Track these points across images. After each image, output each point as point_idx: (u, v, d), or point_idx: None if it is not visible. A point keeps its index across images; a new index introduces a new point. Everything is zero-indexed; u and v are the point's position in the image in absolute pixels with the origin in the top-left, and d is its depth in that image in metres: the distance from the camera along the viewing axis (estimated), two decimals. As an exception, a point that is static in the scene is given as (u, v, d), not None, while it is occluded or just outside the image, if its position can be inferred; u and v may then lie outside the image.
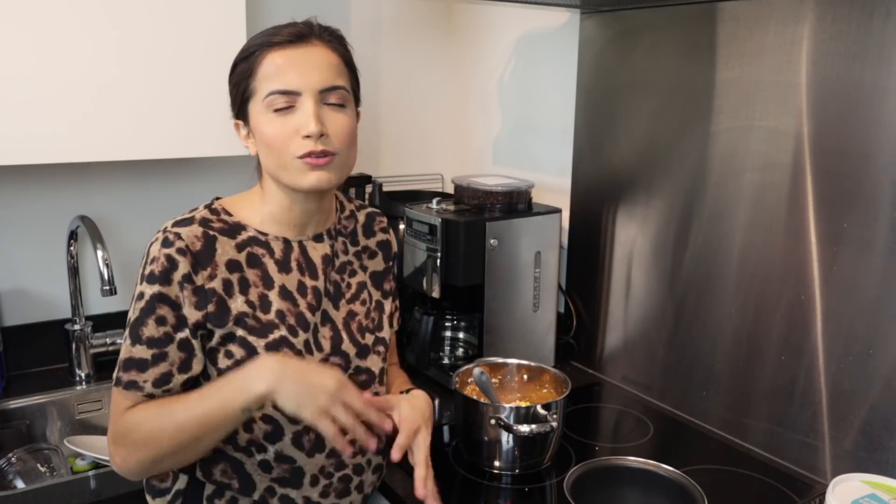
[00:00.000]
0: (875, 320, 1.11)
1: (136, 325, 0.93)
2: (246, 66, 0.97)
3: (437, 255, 1.45)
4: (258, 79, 0.95)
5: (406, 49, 1.97)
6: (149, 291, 0.93)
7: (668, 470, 1.18)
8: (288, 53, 0.95)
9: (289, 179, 0.96)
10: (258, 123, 0.96)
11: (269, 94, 0.94)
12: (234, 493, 0.99)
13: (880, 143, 1.08)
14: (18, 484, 1.32)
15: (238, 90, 0.98)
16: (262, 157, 0.99)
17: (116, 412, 0.95)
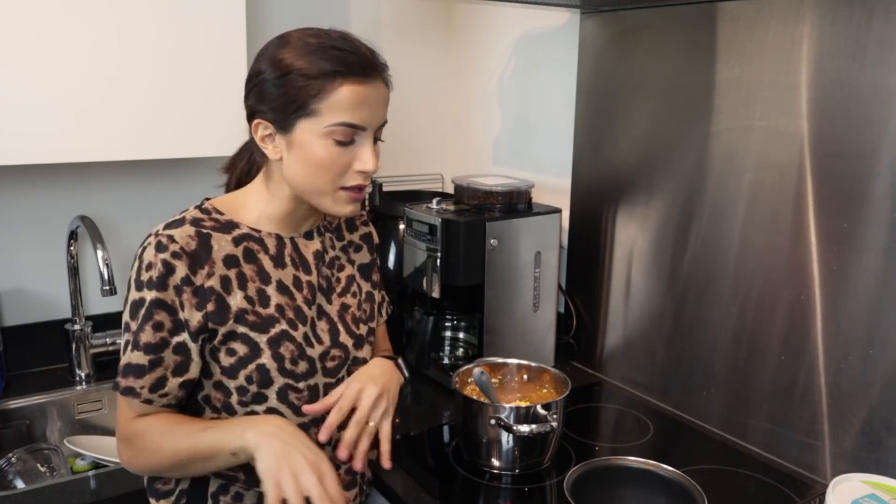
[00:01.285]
0: (875, 320, 1.11)
1: (137, 332, 0.93)
2: (315, 84, 0.90)
3: (437, 255, 1.45)
4: (327, 104, 0.91)
5: (406, 49, 1.97)
6: (147, 297, 0.92)
7: (668, 470, 1.18)
8: (362, 89, 0.92)
9: (322, 203, 0.97)
10: (310, 144, 0.93)
11: (337, 125, 0.92)
12: (239, 488, 0.99)
13: (880, 143, 1.08)
14: (18, 484, 1.32)
15: (292, 100, 0.92)
16: (295, 171, 0.95)
17: (122, 415, 0.97)
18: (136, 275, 0.94)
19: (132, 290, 0.94)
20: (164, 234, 0.94)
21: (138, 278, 0.93)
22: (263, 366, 0.97)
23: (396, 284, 1.65)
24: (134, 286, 0.94)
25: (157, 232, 0.95)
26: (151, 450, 0.94)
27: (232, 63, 1.47)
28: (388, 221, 1.70)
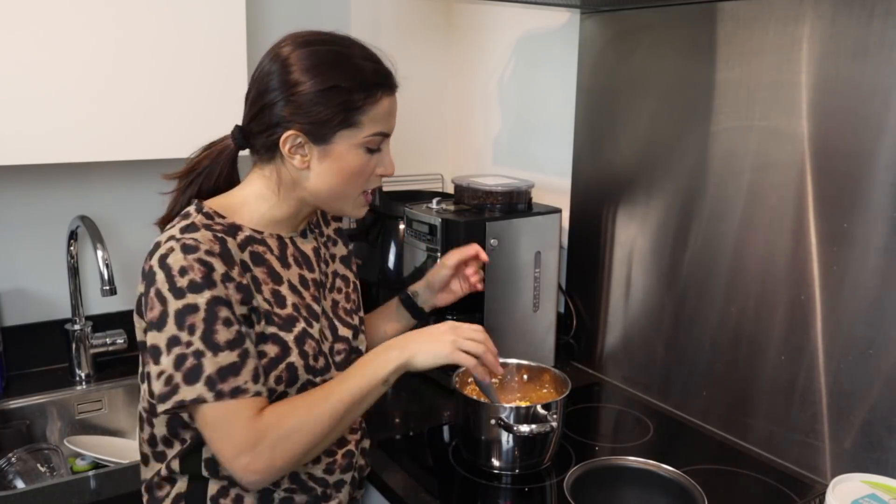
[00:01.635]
0: (875, 320, 1.11)
1: (209, 336, 0.88)
2: (359, 98, 0.94)
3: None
4: (369, 116, 0.96)
5: (406, 49, 1.97)
6: (201, 300, 0.88)
7: (668, 470, 1.18)
8: (394, 100, 1.00)
9: (340, 207, 1.02)
10: (346, 154, 0.96)
11: (375, 134, 0.97)
12: (239, 490, 0.99)
13: (880, 142, 1.08)
14: (18, 484, 1.32)
15: (336, 113, 0.94)
16: (323, 178, 0.97)
17: (240, 422, 0.88)
18: (168, 284, 0.88)
19: (171, 301, 0.88)
20: (186, 238, 0.91)
21: (175, 287, 0.88)
22: (292, 364, 0.96)
23: (396, 284, 1.65)
24: (172, 296, 0.88)
25: (174, 237, 0.92)
26: (297, 429, 0.90)
27: (232, 63, 1.47)
28: (388, 221, 1.71)
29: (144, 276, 0.92)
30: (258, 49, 1.81)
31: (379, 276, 1.72)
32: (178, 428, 0.97)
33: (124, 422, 1.59)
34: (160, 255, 0.90)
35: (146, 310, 0.91)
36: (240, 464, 0.88)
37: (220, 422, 0.88)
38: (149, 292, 0.90)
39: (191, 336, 0.87)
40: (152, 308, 0.89)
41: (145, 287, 0.91)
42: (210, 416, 0.88)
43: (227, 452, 0.88)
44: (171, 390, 0.87)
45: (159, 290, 0.89)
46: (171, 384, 0.87)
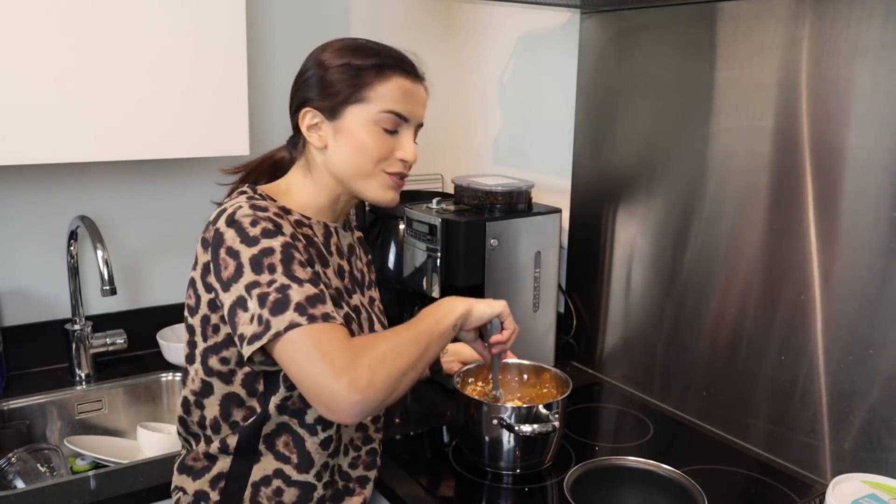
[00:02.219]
0: (875, 320, 1.11)
1: (289, 272, 0.89)
2: (371, 76, 0.97)
3: (437, 255, 1.45)
4: (379, 93, 0.98)
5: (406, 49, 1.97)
6: (276, 243, 0.90)
7: (668, 470, 1.18)
8: (409, 84, 1.00)
9: (363, 187, 1.02)
10: (357, 129, 0.98)
11: (386, 111, 0.98)
12: (280, 483, 0.99)
13: (880, 143, 1.08)
14: (18, 484, 1.32)
15: (346, 88, 0.97)
16: (340, 156, 1.00)
17: (336, 343, 0.87)
18: (240, 237, 0.90)
19: (244, 251, 0.89)
20: (254, 201, 0.94)
21: (248, 237, 0.90)
22: None
23: (396, 284, 1.65)
24: (245, 245, 0.89)
25: (238, 200, 0.95)
26: (393, 350, 0.90)
27: (232, 63, 1.47)
28: (388, 221, 1.70)
29: (207, 243, 0.93)
30: (258, 49, 1.82)
31: (379, 277, 1.72)
32: (231, 408, 0.97)
33: (124, 422, 1.59)
34: (228, 214, 0.92)
35: (219, 272, 0.91)
36: (342, 384, 0.84)
37: (317, 345, 0.86)
38: (218, 254, 0.91)
39: (271, 275, 0.88)
40: (226, 267, 0.90)
41: (212, 252, 0.92)
42: (305, 341, 0.86)
43: (326, 374, 0.84)
44: (264, 327, 0.86)
45: (230, 247, 0.90)
46: (262, 322, 0.87)
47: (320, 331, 0.87)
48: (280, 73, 1.77)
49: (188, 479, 1.01)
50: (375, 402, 0.86)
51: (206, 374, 0.97)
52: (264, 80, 1.75)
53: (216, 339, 0.96)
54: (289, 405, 0.98)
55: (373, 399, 0.85)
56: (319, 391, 0.85)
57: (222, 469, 0.99)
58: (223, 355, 0.96)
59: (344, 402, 0.84)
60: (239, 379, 0.97)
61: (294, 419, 0.99)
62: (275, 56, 1.77)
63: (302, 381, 0.87)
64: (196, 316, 0.97)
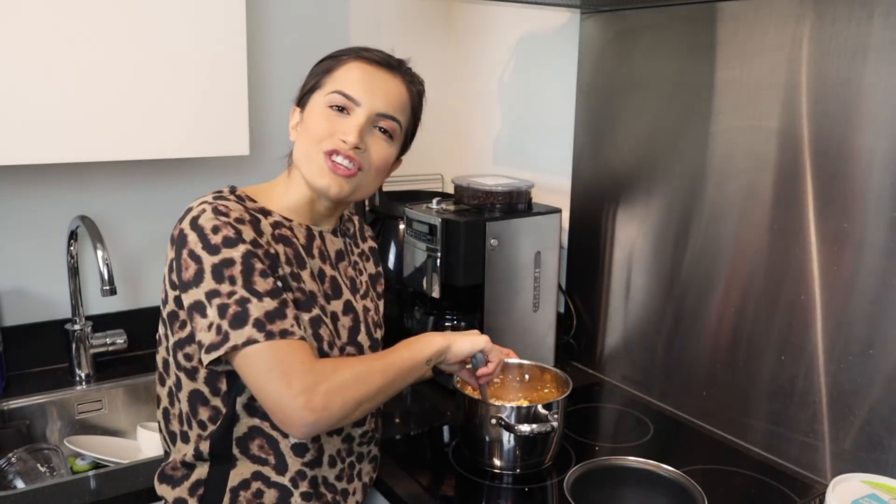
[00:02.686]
0: (875, 320, 1.11)
1: (249, 285, 0.89)
2: (329, 63, 1.02)
3: (437, 255, 1.45)
4: (333, 77, 1.00)
5: (406, 49, 1.96)
6: (237, 254, 0.90)
7: (668, 470, 1.18)
8: (369, 69, 1.00)
9: (307, 171, 1.00)
10: (310, 112, 1.01)
11: (332, 91, 0.99)
12: (260, 485, 0.99)
13: (880, 143, 1.08)
14: (18, 484, 1.32)
15: (309, 80, 1.03)
16: (298, 144, 1.02)
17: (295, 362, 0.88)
18: (202, 243, 0.90)
19: (206, 258, 0.90)
20: (216, 203, 0.94)
21: (209, 244, 0.90)
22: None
23: (396, 284, 1.65)
24: (207, 253, 0.90)
25: (206, 201, 0.94)
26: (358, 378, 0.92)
27: (232, 63, 1.47)
28: (388, 221, 1.70)
29: (174, 240, 0.94)
30: (258, 49, 1.82)
31: (379, 276, 1.72)
32: (197, 405, 0.98)
33: (124, 422, 1.59)
34: (192, 217, 0.93)
35: (180, 272, 0.92)
36: (298, 403, 0.86)
37: (275, 363, 0.88)
38: (181, 254, 0.92)
39: (232, 286, 0.89)
40: (187, 268, 0.90)
41: (176, 251, 0.93)
42: (264, 358, 0.88)
43: (283, 392, 0.87)
44: (222, 338, 0.88)
45: (192, 251, 0.91)
46: (220, 332, 0.88)
47: (279, 348, 0.88)
48: (280, 73, 1.77)
49: (167, 488, 1.01)
50: (327, 425, 0.90)
51: (177, 368, 0.98)
52: (264, 80, 1.75)
53: (181, 335, 0.97)
54: (257, 406, 0.97)
55: (325, 422, 0.89)
56: (274, 406, 0.88)
57: (200, 476, 0.99)
58: (187, 351, 0.97)
59: (297, 420, 0.87)
60: (202, 376, 0.97)
61: (265, 421, 0.98)
62: (275, 56, 1.77)
63: (258, 394, 0.90)
64: (165, 310, 0.98)
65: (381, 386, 0.94)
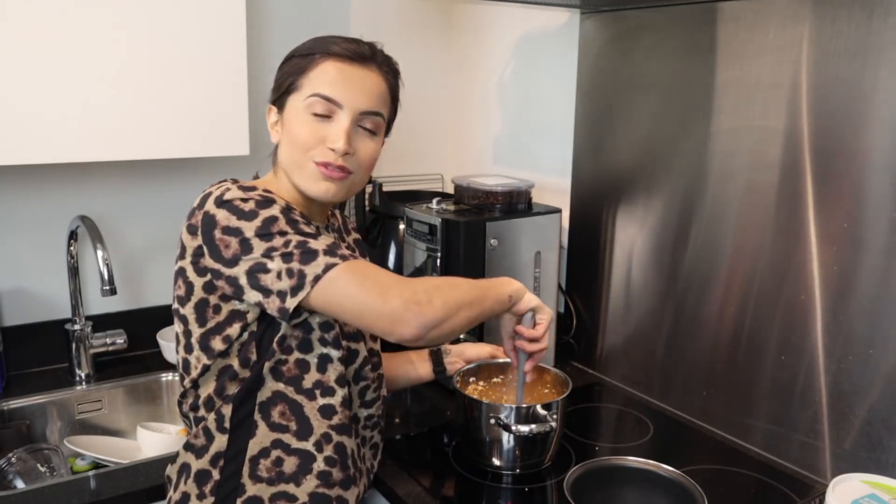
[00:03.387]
0: (875, 320, 1.11)
1: (300, 231, 0.90)
2: (301, 63, 0.99)
3: (437, 255, 1.45)
4: (308, 78, 0.98)
5: (406, 49, 1.97)
6: (275, 210, 0.90)
7: (668, 470, 1.18)
8: (345, 67, 0.98)
9: (298, 179, 1.00)
10: (292, 118, 0.99)
11: (312, 95, 0.97)
12: (280, 453, 0.98)
13: (880, 143, 1.08)
14: (18, 484, 1.32)
15: (284, 80, 1.00)
16: (282, 149, 1.01)
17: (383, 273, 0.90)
18: (236, 215, 0.90)
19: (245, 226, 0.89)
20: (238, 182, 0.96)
21: (244, 213, 0.90)
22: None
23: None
24: (245, 220, 0.89)
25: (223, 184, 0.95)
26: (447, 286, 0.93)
27: (232, 63, 1.47)
28: (388, 221, 1.71)
29: (195, 228, 0.93)
30: (258, 49, 1.82)
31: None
32: (226, 382, 0.97)
33: (124, 422, 1.59)
34: (215, 197, 0.92)
35: (219, 253, 0.90)
36: (402, 297, 0.86)
37: (364, 276, 0.88)
38: (212, 237, 0.90)
39: (284, 237, 0.89)
40: (227, 246, 0.90)
41: (204, 236, 0.91)
42: (351, 275, 0.88)
43: (383, 294, 0.87)
44: (297, 277, 0.87)
45: (227, 227, 0.90)
46: (292, 275, 0.87)
47: (359, 265, 0.89)
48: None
49: (192, 455, 1.01)
50: (435, 319, 0.88)
51: (208, 357, 0.97)
52: (264, 80, 1.74)
53: (218, 319, 0.95)
54: (283, 371, 0.97)
55: (432, 316, 0.88)
56: (380, 310, 0.87)
57: (220, 448, 0.99)
58: (226, 333, 0.95)
59: (407, 313, 0.86)
60: (235, 351, 0.97)
61: (290, 386, 0.98)
62: (275, 56, 1.76)
63: (356, 309, 0.88)
64: (188, 304, 0.96)
65: (475, 297, 0.95)
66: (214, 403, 0.99)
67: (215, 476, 0.99)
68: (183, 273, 0.96)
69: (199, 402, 0.99)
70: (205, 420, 0.99)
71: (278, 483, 0.99)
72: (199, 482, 0.99)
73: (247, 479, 0.98)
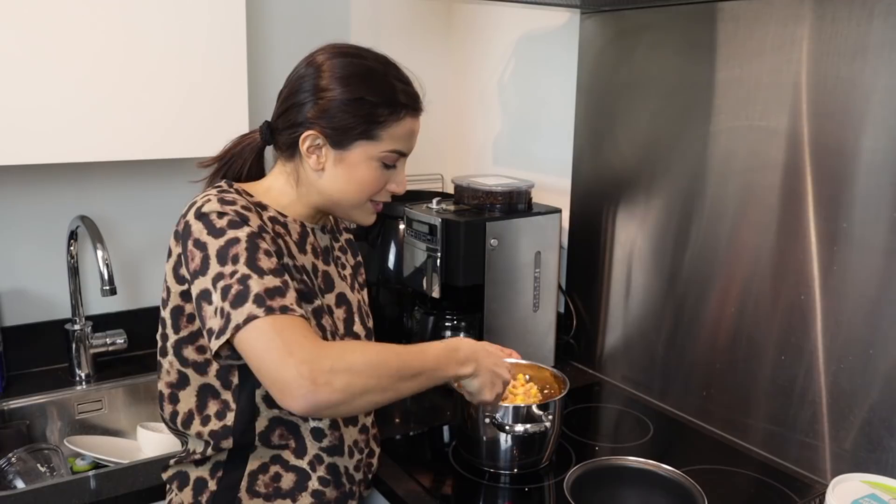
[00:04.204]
0: (875, 320, 1.11)
1: (252, 262, 0.88)
2: (383, 113, 0.98)
3: (437, 255, 1.45)
4: (389, 132, 0.99)
5: (406, 49, 1.97)
6: (242, 234, 0.90)
7: (668, 470, 1.18)
8: (416, 123, 1.03)
9: (347, 212, 1.04)
10: (358, 163, 0.99)
11: (392, 151, 1.00)
12: (279, 469, 0.99)
13: (880, 142, 1.08)
14: (18, 484, 1.32)
15: (356, 124, 0.97)
16: (337, 184, 1.00)
17: (298, 336, 0.85)
18: (207, 229, 0.90)
19: (211, 243, 0.89)
20: (221, 194, 0.94)
21: (214, 228, 0.90)
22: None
23: (396, 284, 1.65)
24: (212, 237, 0.90)
25: (209, 193, 0.95)
26: (370, 365, 0.88)
27: (232, 63, 1.47)
28: (388, 221, 1.70)
29: (178, 235, 0.94)
30: (258, 49, 1.82)
31: (379, 277, 1.72)
32: (207, 399, 0.97)
33: (124, 422, 1.59)
34: (196, 207, 0.93)
35: (188, 263, 0.92)
36: (300, 370, 0.82)
37: (275, 335, 0.85)
38: (186, 246, 0.92)
39: (234, 266, 0.88)
40: (193, 259, 0.91)
41: (182, 244, 0.93)
42: (264, 331, 0.85)
43: (283, 361, 0.83)
44: (224, 320, 0.86)
45: (197, 239, 0.91)
46: (223, 315, 0.87)
47: (279, 322, 0.85)
48: (280, 73, 1.76)
49: (191, 463, 1.01)
50: (328, 402, 0.84)
51: (182, 365, 0.98)
52: (264, 79, 1.75)
53: (191, 329, 0.96)
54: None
55: (325, 398, 0.83)
56: (274, 376, 0.84)
57: (219, 459, 1.00)
58: (199, 344, 0.96)
59: (296, 389, 0.82)
60: (213, 370, 0.97)
61: (283, 410, 0.98)
62: (275, 56, 1.77)
63: (260, 368, 0.86)
64: (167, 308, 0.98)
65: (394, 384, 0.90)
66: (192, 424, 0.99)
67: (211, 486, 0.99)
68: (165, 277, 0.98)
69: (177, 417, 1.00)
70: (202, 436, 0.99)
71: (275, 499, 1.00)
72: (196, 491, 1.00)
73: (244, 494, 0.99)
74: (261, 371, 0.86)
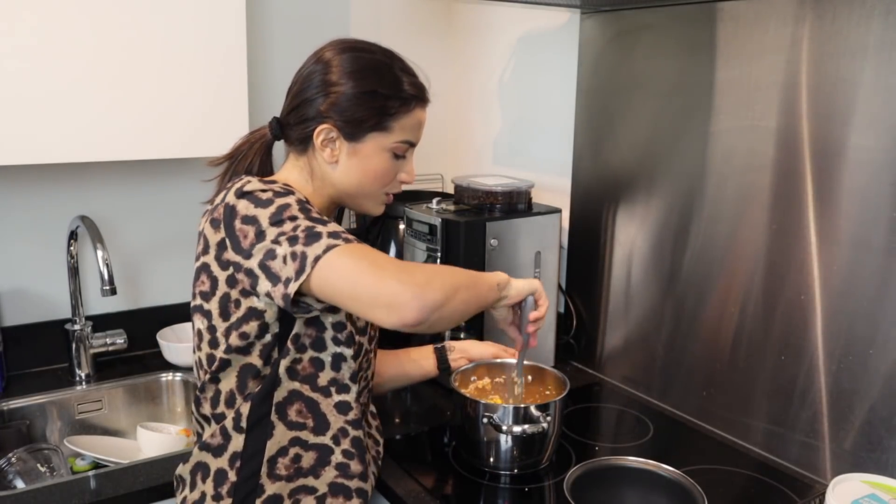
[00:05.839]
0: (875, 320, 1.11)
1: (310, 217, 0.91)
2: (395, 105, 1.01)
3: (437, 255, 1.45)
4: (400, 123, 1.03)
5: (406, 49, 1.96)
6: (291, 200, 0.93)
7: (668, 470, 1.18)
8: (425, 114, 1.07)
9: (359, 203, 1.08)
10: (371, 154, 1.03)
11: (402, 142, 1.04)
12: (298, 450, 1.00)
13: (880, 143, 1.08)
14: (18, 484, 1.32)
15: (369, 116, 1.01)
16: (351, 176, 1.04)
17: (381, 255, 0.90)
18: (254, 203, 0.92)
19: (261, 213, 0.91)
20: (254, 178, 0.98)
21: (261, 200, 0.92)
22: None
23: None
24: (261, 208, 0.92)
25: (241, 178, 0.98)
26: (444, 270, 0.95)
27: (232, 62, 1.47)
28: (388, 221, 1.71)
29: (216, 222, 0.95)
30: (258, 49, 1.82)
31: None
32: (247, 380, 0.98)
33: (124, 422, 1.60)
34: (236, 188, 0.95)
35: (238, 243, 0.92)
36: (401, 280, 0.85)
37: (362, 257, 0.87)
38: (233, 226, 0.93)
39: (294, 222, 0.90)
40: (245, 235, 0.92)
41: (226, 227, 0.94)
42: (349, 256, 0.87)
43: (382, 276, 0.85)
44: (300, 261, 0.87)
45: (245, 215, 0.92)
46: (296, 257, 0.88)
47: (359, 248, 0.89)
48: (280, 73, 1.77)
49: (209, 455, 1.01)
50: (436, 302, 0.86)
51: (225, 352, 0.98)
52: (264, 80, 1.75)
53: (238, 315, 0.96)
54: (299, 370, 0.99)
55: (432, 298, 0.86)
56: (378, 292, 0.85)
57: (237, 448, 0.99)
58: (243, 330, 0.96)
59: (406, 294, 0.84)
60: (257, 350, 0.97)
61: (305, 384, 0.99)
62: (275, 56, 1.77)
63: (355, 292, 0.86)
64: (213, 299, 0.97)
65: (468, 281, 0.96)
66: (235, 401, 0.99)
67: (231, 477, 0.99)
68: (207, 268, 0.97)
69: (220, 397, 1.00)
70: (224, 419, 1.00)
71: (297, 478, 1.01)
72: (217, 482, 0.99)
73: (265, 479, 0.99)
74: (357, 294, 0.86)
